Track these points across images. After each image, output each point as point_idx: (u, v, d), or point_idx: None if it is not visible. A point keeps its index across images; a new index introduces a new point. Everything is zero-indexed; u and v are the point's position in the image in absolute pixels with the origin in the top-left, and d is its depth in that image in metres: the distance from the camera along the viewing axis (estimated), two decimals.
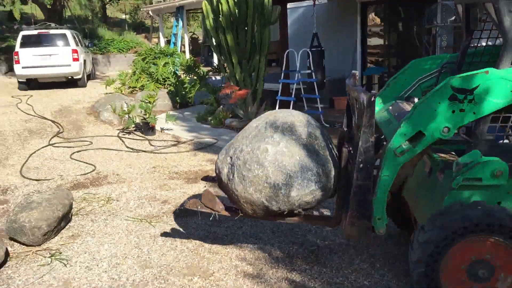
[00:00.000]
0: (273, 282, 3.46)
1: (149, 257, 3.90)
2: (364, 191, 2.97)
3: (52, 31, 13.92)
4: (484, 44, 3.65)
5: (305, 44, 9.85)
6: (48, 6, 21.64)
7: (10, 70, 16.13)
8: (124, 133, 8.78)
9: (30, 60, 13.24)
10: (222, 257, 3.86)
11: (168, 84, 12.54)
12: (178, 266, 3.74)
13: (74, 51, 13.60)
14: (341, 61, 11.32)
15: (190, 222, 4.59)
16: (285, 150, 3.21)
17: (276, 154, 3.19)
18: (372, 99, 2.86)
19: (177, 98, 11.34)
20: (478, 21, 3.47)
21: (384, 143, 3.26)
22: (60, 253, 4.02)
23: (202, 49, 21.23)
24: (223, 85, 10.19)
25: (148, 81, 12.90)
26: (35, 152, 7.42)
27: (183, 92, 11.47)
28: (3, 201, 5.36)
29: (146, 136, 8.46)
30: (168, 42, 20.52)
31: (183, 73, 12.55)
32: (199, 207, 3.55)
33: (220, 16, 8.51)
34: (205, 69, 12.91)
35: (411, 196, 3.54)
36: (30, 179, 6.15)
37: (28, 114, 10.13)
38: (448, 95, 2.77)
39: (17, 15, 24.12)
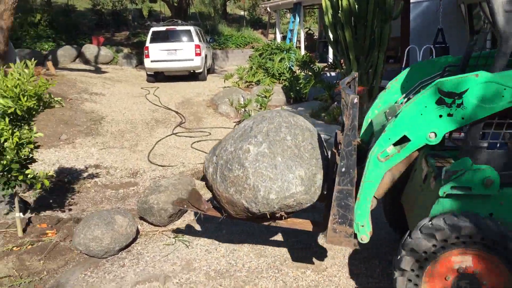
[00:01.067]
0: (388, 284, 3.39)
1: (263, 247, 4.04)
2: (346, 196, 2.86)
3: (178, 27, 14.78)
4: None
5: (427, 40, 9.40)
6: (175, 4, 23.09)
7: (140, 64, 17.50)
8: None
9: (158, 54, 14.23)
10: (335, 254, 3.87)
11: (283, 79, 12.75)
12: (291, 258, 3.83)
13: (197, 46, 14.34)
14: None
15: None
16: (267, 151, 3.12)
17: (257, 155, 3.12)
18: (355, 101, 2.75)
19: (292, 93, 11.49)
20: (482, 22, 3.15)
21: None
22: (183, 235, 4.33)
23: (317, 45, 21.24)
24: (338, 81, 10.11)
25: (264, 76, 13.22)
26: (160, 140, 8.03)
27: (298, 88, 11.58)
28: (134, 183, 5.90)
29: None
30: (284, 38, 20.84)
31: (298, 69, 12.66)
32: (185, 206, 3.60)
33: (340, 11, 8.44)
34: (320, 65, 12.89)
35: (407, 202, 3.37)
36: (156, 164, 6.67)
37: (155, 104, 10.95)
38: (435, 99, 2.59)
39: (145, 13, 26.16)
